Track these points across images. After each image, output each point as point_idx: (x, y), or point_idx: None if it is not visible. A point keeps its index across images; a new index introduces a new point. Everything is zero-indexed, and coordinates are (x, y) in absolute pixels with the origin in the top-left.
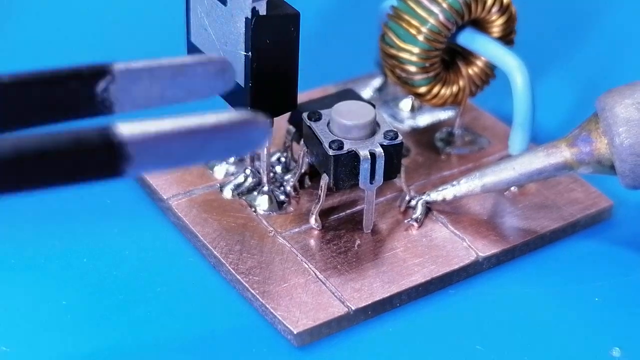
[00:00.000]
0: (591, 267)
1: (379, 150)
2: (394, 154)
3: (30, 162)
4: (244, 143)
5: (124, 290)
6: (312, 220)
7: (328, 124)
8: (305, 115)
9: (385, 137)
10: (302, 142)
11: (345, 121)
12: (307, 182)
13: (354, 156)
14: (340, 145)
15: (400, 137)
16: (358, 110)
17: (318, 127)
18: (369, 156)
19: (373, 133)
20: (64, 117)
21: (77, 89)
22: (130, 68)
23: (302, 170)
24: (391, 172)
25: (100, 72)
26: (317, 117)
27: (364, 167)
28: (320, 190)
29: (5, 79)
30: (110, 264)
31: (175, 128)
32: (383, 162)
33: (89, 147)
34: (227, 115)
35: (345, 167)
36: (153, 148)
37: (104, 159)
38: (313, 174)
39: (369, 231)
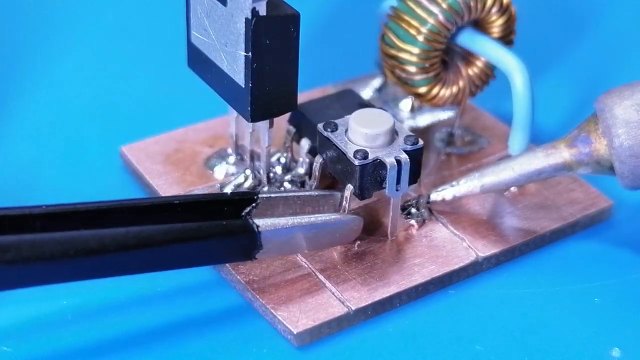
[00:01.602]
0: (591, 267)
1: (404, 156)
2: (416, 158)
3: (186, 248)
4: (342, 238)
5: (124, 290)
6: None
7: (346, 132)
8: (320, 126)
9: (406, 143)
10: (317, 156)
11: (367, 130)
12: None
13: (378, 164)
14: (365, 155)
15: (421, 142)
16: (376, 118)
17: (337, 138)
18: (395, 163)
19: (392, 139)
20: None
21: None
22: (271, 196)
23: (317, 183)
24: (414, 177)
25: (249, 199)
26: (333, 127)
27: (391, 175)
28: (345, 201)
29: (176, 200)
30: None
31: (295, 224)
32: (408, 168)
33: (236, 234)
34: (332, 215)
35: (371, 176)
36: (278, 239)
37: (245, 245)
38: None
39: (394, 238)
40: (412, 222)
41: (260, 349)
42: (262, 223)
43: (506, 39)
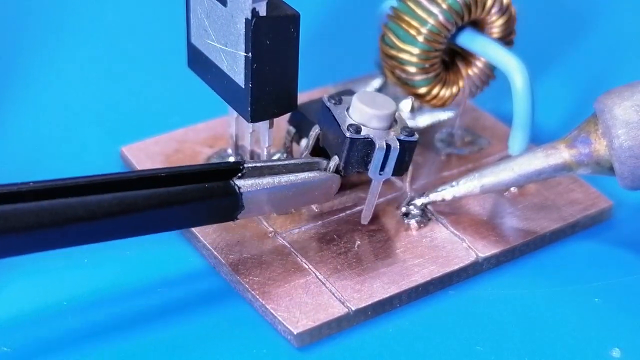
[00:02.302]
0: (591, 267)
1: (395, 143)
2: (407, 150)
3: (169, 211)
4: (321, 196)
5: (125, 290)
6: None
7: (347, 109)
8: (325, 97)
9: (402, 132)
10: (314, 126)
11: (367, 108)
12: None
13: (369, 143)
14: (358, 130)
15: (416, 136)
16: (380, 102)
17: (337, 110)
18: (385, 146)
19: (390, 126)
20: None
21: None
22: (257, 165)
23: (309, 151)
24: (401, 168)
25: (235, 169)
26: (337, 101)
27: (378, 156)
28: (328, 171)
29: (163, 172)
30: (110, 264)
31: (275, 184)
32: (396, 155)
33: (217, 197)
34: (311, 174)
35: (359, 153)
36: (259, 199)
37: (227, 207)
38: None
39: (366, 223)
40: (412, 222)
41: (261, 349)
42: (243, 184)
43: (506, 40)
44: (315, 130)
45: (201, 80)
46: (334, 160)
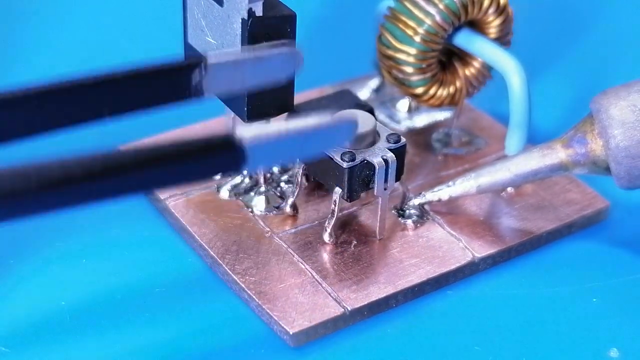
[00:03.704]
0: (587, 267)
1: (390, 155)
2: (400, 155)
3: (173, 162)
4: (336, 139)
5: (122, 290)
6: (326, 236)
7: None
8: None
9: (389, 141)
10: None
11: None
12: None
13: (366, 165)
14: (353, 157)
15: (403, 139)
16: (357, 119)
17: None
18: (383, 163)
19: (375, 140)
20: (162, 103)
21: (178, 79)
22: (220, 61)
23: (301, 189)
24: (399, 174)
25: (196, 64)
26: None
27: (380, 175)
28: (333, 205)
29: (119, 75)
30: (108, 264)
31: (283, 130)
32: (395, 166)
33: (218, 148)
34: (321, 117)
35: (359, 178)
36: (266, 150)
37: (230, 158)
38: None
39: (382, 237)
40: (408, 222)
41: (257, 349)
42: (245, 135)
43: (503, 40)
44: (300, 168)
45: None
46: (337, 193)
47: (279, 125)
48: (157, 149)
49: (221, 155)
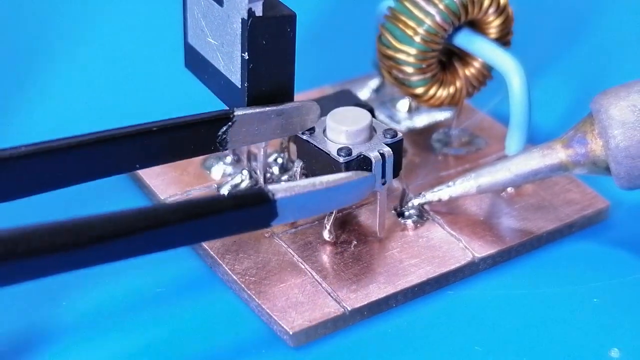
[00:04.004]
0: (588, 268)
1: (387, 149)
2: (397, 150)
3: (203, 221)
4: (359, 193)
5: (121, 290)
6: (326, 233)
7: (324, 134)
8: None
9: (385, 136)
10: (296, 161)
11: (347, 127)
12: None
13: (362, 160)
14: (349, 152)
15: (400, 134)
16: (353, 115)
17: (316, 139)
18: (380, 157)
19: (371, 135)
20: (190, 154)
21: (205, 132)
22: (246, 113)
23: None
24: (396, 170)
25: (224, 117)
26: (311, 130)
27: (377, 169)
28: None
29: (152, 127)
30: (107, 264)
31: (309, 187)
32: (392, 160)
33: (250, 206)
34: (345, 174)
35: None
36: (295, 204)
37: (261, 215)
38: None
39: (382, 235)
40: (408, 222)
41: (256, 349)
42: (277, 189)
43: (503, 40)
44: (299, 166)
45: (198, 81)
46: None
47: (307, 181)
48: (191, 205)
49: (253, 209)
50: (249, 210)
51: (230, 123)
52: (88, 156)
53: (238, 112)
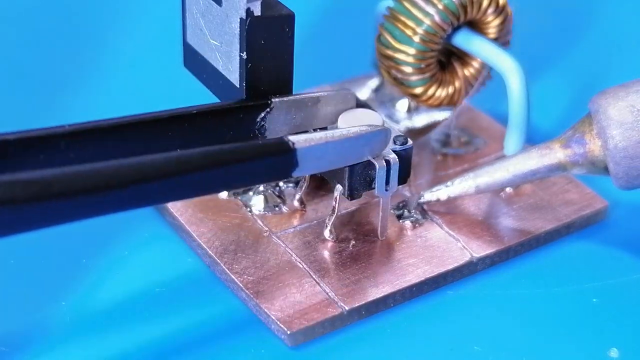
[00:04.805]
0: (586, 268)
1: (393, 156)
2: (405, 158)
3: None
4: (374, 145)
5: (121, 289)
6: (327, 232)
7: None
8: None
9: (395, 143)
10: None
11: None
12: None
13: (368, 165)
14: None
15: (410, 142)
16: (365, 118)
17: None
18: (385, 164)
19: None
20: (229, 140)
21: (244, 118)
22: (283, 100)
23: (307, 184)
24: (404, 176)
25: (263, 104)
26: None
27: (380, 175)
28: (334, 202)
29: (193, 110)
30: (107, 264)
31: (329, 138)
32: (397, 168)
33: (271, 155)
34: (360, 127)
35: (360, 176)
36: (314, 154)
37: (281, 165)
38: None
39: (384, 238)
40: (407, 222)
41: (255, 348)
42: (297, 139)
43: (502, 40)
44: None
45: (197, 80)
46: (338, 190)
47: (325, 133)
48: (213, 154)
49: (275, 158)
50: (271, 159)
51: (268, 109)
52: (130, 137)
53: (275, 99)
